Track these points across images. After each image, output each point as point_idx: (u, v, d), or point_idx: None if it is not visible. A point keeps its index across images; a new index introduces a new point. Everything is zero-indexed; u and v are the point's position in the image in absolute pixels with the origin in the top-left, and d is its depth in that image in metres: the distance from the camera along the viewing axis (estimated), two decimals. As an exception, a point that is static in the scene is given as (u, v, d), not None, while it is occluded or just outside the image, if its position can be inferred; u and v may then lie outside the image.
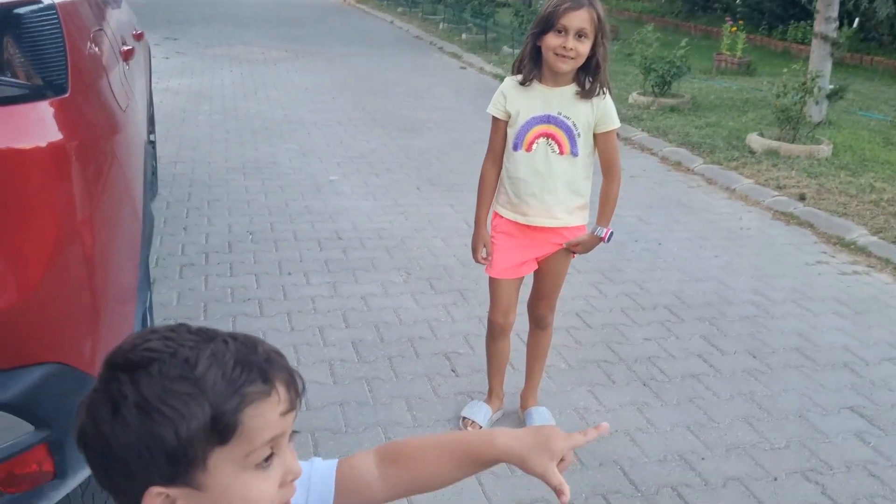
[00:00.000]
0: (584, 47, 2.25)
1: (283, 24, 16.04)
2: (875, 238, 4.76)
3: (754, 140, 6.65)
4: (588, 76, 2.34)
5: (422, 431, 2.71)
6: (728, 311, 3.80)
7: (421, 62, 11.82)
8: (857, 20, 12.04)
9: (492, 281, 2.59)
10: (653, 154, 6.79)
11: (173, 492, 0.78)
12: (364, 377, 3.03)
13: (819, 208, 5.25)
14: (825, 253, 4.65)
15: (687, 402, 2.99)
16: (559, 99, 2.35)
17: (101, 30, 1.92)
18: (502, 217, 2.52)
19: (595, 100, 2.35)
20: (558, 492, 1.00)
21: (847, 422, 2.90)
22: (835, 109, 7.88)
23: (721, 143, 6.77)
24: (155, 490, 0.77)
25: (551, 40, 2.25)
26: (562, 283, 2.66)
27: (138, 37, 3.39)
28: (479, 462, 1.05)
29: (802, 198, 5.43)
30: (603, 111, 2.38)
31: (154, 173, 4.95)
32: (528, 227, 2.48)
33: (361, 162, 6.14)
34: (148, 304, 2.19)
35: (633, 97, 8.42)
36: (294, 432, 0.86)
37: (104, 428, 0.76)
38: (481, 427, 2.70)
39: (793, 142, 6.50)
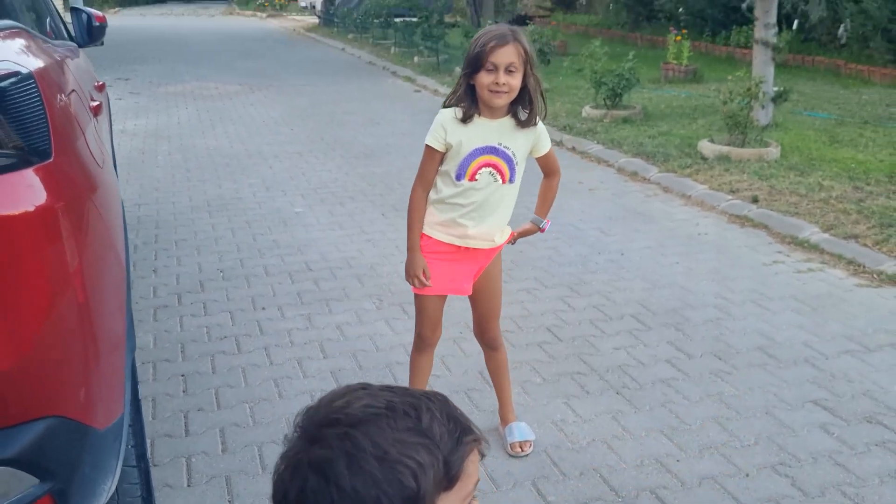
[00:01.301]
0: (516, 81, 2.35)
1: (236, 57, 16.08)
2: (827, 235, 4.96)
3: (706, 146, 6.87)
4: (522, 107, 2.46)
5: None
6: (692, 315, 3.94)
7: (375, 88, 11.95)
8: (795, 22, 12.46)
9: (420, 298, 2.65)
10: (609, 166, 6.97)
11: None
12: (345, 406, 3.09)
13: (772, 209, 5.45)
14: (780, 252, 4.83)
15: (659, 406, 3.10)
16: (499, 130, 2.45)
17: (73, 91, 1.98)
18: (432, 238, 2.57)
19: (531, 128, 2.48)
20: None
21: (811, 415, 3.03)
22: (781, 111, 8.17)
23: (674, 151, 6.97)
24: None
25: (483, 78, 2.34)
26: (500, 298, 2.77)
27: (100, 88, 3.44)
28: None
29: (755, 200, 5.63)
30: (537, 138, 2.53)
31: (120, 217, 4.96)
32: (463, 248, 2.56)
33: (325, 192, 6.21)
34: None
35: (587, 110, 8.63)
36: None
37: (342, 482, 0.81)
38: None
39: (742, 146, 6.72)
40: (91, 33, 3.75)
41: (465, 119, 2.42)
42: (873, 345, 3.60)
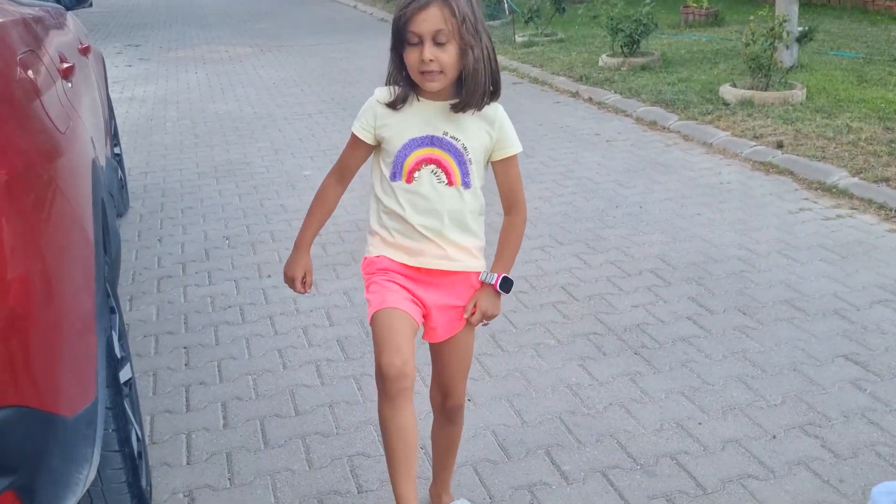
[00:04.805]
0: (448, 55, 1.76)
1: (246, 18, 15.82)
2: (856, 179, 4.72)
3: (727, 91, 6.59)
4: (465, 89, 1.83)
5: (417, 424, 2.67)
6: (714, 269, 3.76)
7: (387, 45, 11.65)
8: (821, -41, 11.92)
9: (376, 319, 1.89)
10: (627, 116, 6.73)
11: None
12: (352, 375, 2.98)
13: (798, 154, 5.20)
14: (807, 199, 4.61)
15: (680, 366, 2.95)
16: (444, 115, 1.85)
17: (30, 51, 1.84)
18: (387, 257, 1.94)
19: (487, 114, 1.87)
20: None
21: (842, 370, 2.87)
22: (806, 52, 7.82)
23: (695, 98, 6.70)
24: None
25: (409, 56, 1.78)
26: (470, 360, 2.09)
27: (84, 50, 3.29)
28: None
29: (780, 146, 5.38)
30: (500, 131, 1.88)
31: (123, 187, 4.86)
32: (418, 269, 1.92)
33: (334, 153, 6.00)
34: (117, 328, 2.13)
35: (603, 59, 8.34)
36: None
37: None
38: None
39: (766, 89, 6.44)
40: (78, -5, 3.59)
41: (397, 104, 1.86)
42: (907, 294, 3.41)
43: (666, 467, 2.40)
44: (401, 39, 1.79)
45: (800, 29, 7.28)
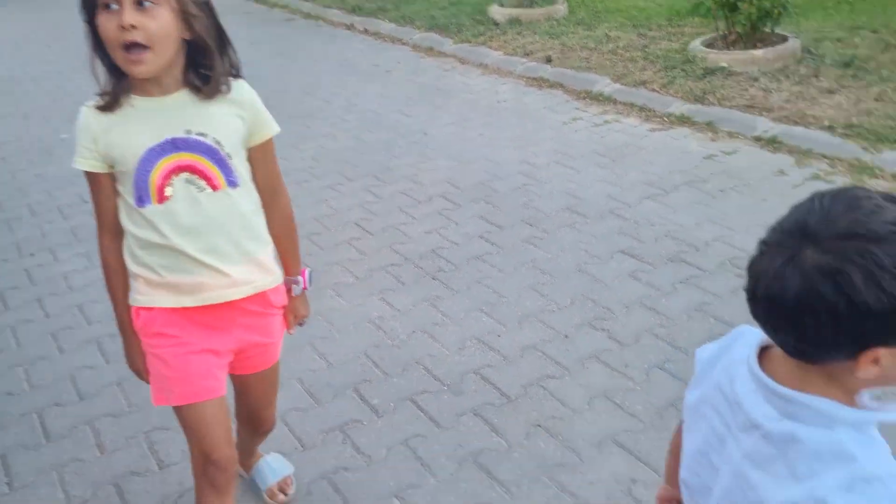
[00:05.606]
0: (157, 23, 1.38)
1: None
2: (618, 85, 5.01)
3: (497, 11, 6.72)
4: (200, 67, 1.50)
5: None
6: (499, 186, 3.86)
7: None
8: None
9: (187, 412, 1.62)
10: (404, 44, 6.69)
11: (886, 352, 0.84)
12: (140, 347, 2.76)
13: (565, 67, 5.43)
14: (578, 109, 4.84)
15: (476, 284, 3.01)
16: (181, 110, 1.49)
17: None
18: (154, 308, 1.57)
19: (233, 97, 1.54)
20: None
21: (620, 265, 3.06)
22: (564, -32, 8.12)
23: (467, 21, 6.77)
24: (880, 351, 0.83)
25: (104, 26, 1.39)
26: (278, 376, 1.86)
27: None
28: None
29: (549, 60, 5.59)
30: (253, 112, 1.57)
31: None
32: (202, 310, 1.58)
33: (95, 112, 5.51)
34: None
35: (374, -12, 8.19)
36: None
37: (855, 297, 0.80)
38: None
39: (531, 6, 6.64)
40: None
41: (110, 106, 1.47)
42: (669, 186, 3.69)
43: (471, 383, 2.46)
44: (91, 4, 1.39)
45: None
